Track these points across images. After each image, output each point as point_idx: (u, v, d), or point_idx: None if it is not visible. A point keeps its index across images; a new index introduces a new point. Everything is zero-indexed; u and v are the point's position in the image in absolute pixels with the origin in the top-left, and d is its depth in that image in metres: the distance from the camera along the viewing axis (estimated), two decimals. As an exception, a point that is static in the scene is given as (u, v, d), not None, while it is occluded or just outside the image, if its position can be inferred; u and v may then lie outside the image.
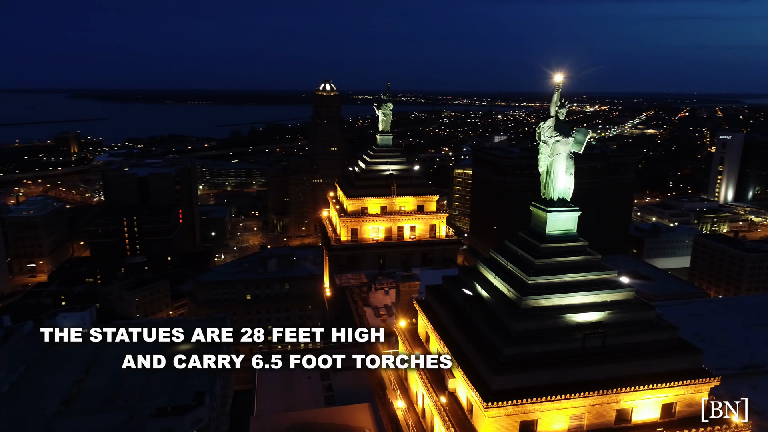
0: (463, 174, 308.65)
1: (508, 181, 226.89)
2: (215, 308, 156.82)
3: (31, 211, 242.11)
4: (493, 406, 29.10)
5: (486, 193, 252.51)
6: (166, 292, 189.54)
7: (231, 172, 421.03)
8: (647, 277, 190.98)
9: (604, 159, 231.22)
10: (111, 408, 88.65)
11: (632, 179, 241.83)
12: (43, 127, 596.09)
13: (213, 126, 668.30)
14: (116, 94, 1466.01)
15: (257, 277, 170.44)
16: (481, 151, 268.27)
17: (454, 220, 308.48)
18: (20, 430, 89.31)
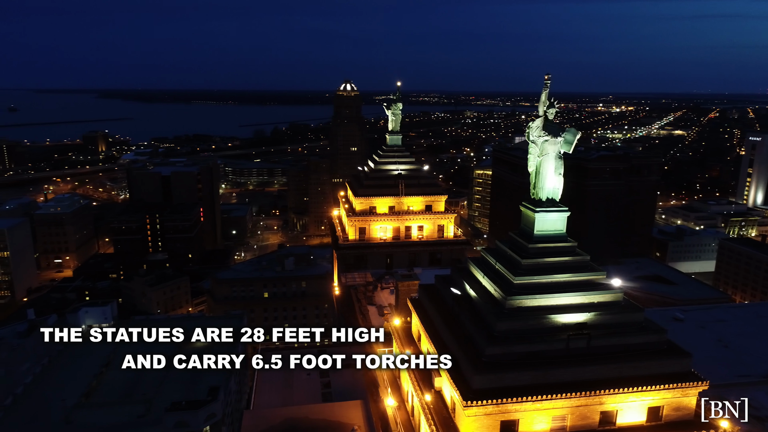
0: (483, 174, 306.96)
1: (527, 183, 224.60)
2: (233, 305, 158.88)
3: (59, 208, 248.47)
4: (472, 405, 29.12)
5: (505, 193, 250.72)
6: (186, 289, 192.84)
7: (253, 171, 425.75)
8: (670, 281, 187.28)
9: (626, 160, 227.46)
10: (128, 401, 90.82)
11: (655, 181, 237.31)
12: (72, 126, 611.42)
13: (237, 126, 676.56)
14: (143, 95, 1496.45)
15: (274, 275, 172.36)
16: (501, 152, 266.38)
17: (474, 221, 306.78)
18: (41, 421, 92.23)
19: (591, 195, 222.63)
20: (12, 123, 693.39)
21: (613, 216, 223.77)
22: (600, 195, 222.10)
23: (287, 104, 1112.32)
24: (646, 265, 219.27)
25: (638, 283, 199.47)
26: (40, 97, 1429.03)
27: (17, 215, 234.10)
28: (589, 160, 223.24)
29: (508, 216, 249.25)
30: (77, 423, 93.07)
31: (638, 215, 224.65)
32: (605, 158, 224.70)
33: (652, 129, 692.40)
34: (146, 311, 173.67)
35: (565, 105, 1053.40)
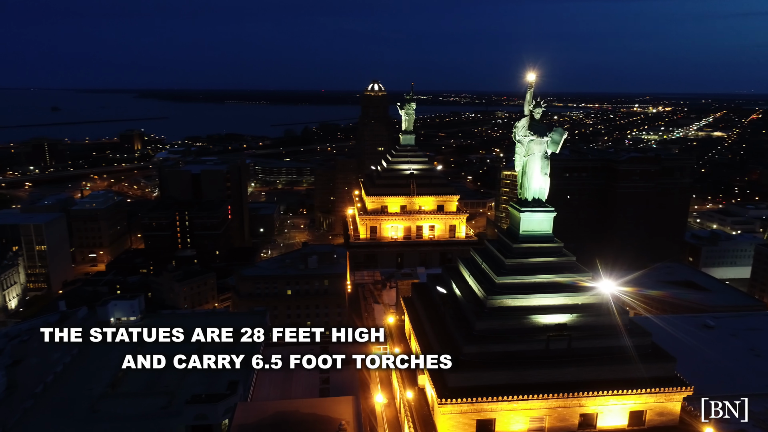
0: (510, 176, 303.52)
1: (553, 184, 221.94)
2: (257, 302, 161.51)
3: (94, 204, 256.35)
4: (446, 402, 29.22)
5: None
6: (212, 284, 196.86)
7: (282, 170, 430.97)
8: (701, 287, 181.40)
9: (657, 162, 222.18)
10: (152, 393, 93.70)
11: (689, 184, 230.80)
12: (110, 125, 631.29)
13: (268, 125, 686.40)
14: (179, 94, 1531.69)
15: (297, 273, 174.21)
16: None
17: (501, 222, 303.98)
18: (69, 409, 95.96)
19: (620, 197, 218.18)
20: (54, 122, 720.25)
21: (644, 219, 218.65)
22: (630, 197, 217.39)
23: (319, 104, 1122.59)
24: (677, 271, 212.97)
25: (668, 288, 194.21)
26: (82, 97, 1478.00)
27: (55, 211, 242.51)
28: (619, 161, 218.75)
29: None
30: (102, 412, 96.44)
31: (670, 219, 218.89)
32: (635, 160, 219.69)
33: (690, 130, 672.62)
34: (174, 306, 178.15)
35: (600, 105, 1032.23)
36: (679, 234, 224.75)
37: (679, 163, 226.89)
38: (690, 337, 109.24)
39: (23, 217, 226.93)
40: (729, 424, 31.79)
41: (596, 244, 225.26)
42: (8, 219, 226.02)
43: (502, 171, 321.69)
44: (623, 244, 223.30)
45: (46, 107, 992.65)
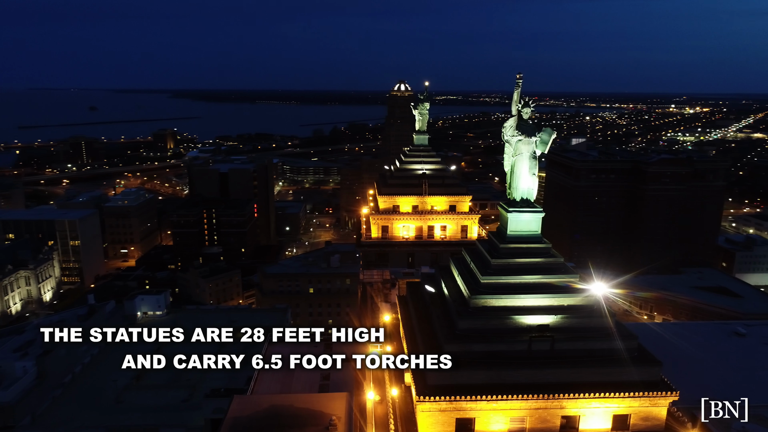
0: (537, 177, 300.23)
1: (581, 186, 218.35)
2: (279, 299, 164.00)
3: (126, 201, 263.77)
4: (425, 400, 29.45)
5: (558, 196, 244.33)
6: (237, 281, 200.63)
7: (310, 169, 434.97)
8: (734, 294, 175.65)
9: (689, 164, 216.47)
10: (174, 386, 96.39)
11: (722, 187, 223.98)
12: (145, 124, 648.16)
13: (298, 125, 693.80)
14: (212, 95, 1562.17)
15: (320, 271, 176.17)
16: (555, 154, 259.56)
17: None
18: (94, 399, 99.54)
19: (650, 200, 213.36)
20: (92, 121, 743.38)
21: (674, 222, 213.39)
22: (659, 200, 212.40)
23: (349, 104, 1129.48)
24: (709, 276, 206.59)
25: (699, 294, 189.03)
26: (119, 97, 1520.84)
27: (89, 207, 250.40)
28: (648, 163, 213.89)
29: (560, 219, 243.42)
30: (126, 403, 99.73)
31: (702, 222, 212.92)
32: (666, 162, 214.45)
33: (729, 132, 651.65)
34: (199, 301, 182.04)
35: (634, 106, 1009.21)
36: (711, 238, 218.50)
37: (712, 165, 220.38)
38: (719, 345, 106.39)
39: (59, 213, 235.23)
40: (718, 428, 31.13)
41: (624, 248, 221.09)
42: (45, 214, 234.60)
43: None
44: (652, 248, 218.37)
45: (85, 107, 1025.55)
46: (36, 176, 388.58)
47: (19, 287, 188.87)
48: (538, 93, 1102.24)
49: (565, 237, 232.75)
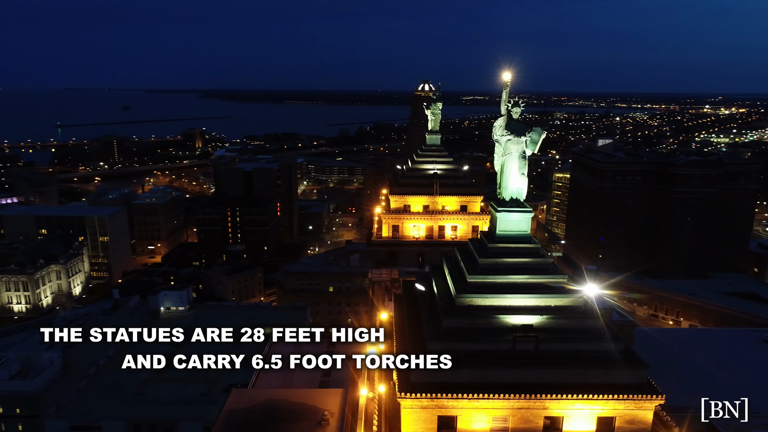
0: (562, 178, 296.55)
1: (606, 188, 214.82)
2: (299, 297, 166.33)
3: (153, 198, 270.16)
4: (406, 396, 29.76)
5: (583, 199, 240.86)
6: (259, 279, 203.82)
7: (334, 169, 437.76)
8: (765, 300, 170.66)
9: (719, 166, 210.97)
10: (194, 380, 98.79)
11: (755, 190, 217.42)
12: (175, 123, 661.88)
13: (324, 125, 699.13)
14: (241, 95, 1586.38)
15: (340, 270, 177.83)
16: (580, 155, 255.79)
17: (552, 226, 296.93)
18: (117, 391, 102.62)
19: (677, 203, 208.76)
20: (124, 120, 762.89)
21: (702, 226, 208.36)
22: (687, 203, 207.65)
23: (375, 104, 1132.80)
24: (739, 281, 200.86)
25: (727, 300, 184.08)
26: (151, 97, 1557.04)
27: (118, 204, 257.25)
28: (676, 165, 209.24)
29: (585, 221, 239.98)
30: (147, 396, 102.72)
31: (732, 226, 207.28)
32: (695, 163, 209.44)
33: (766, 133, 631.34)
34: (222, 298, 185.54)
35: (666, 106, 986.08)
36: (743, 242, 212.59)
37: (744, 167, 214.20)
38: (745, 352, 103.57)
39: (89, 210, 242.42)
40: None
41: (650, 251, 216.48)
42: (76, 211, 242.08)
43: (554, 173, 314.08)
44: (678, 252, 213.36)
45: (118, 106, 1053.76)
46: (69, 174, 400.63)
47: (50, 281, 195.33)
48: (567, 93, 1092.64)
49: (589, 239, 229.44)
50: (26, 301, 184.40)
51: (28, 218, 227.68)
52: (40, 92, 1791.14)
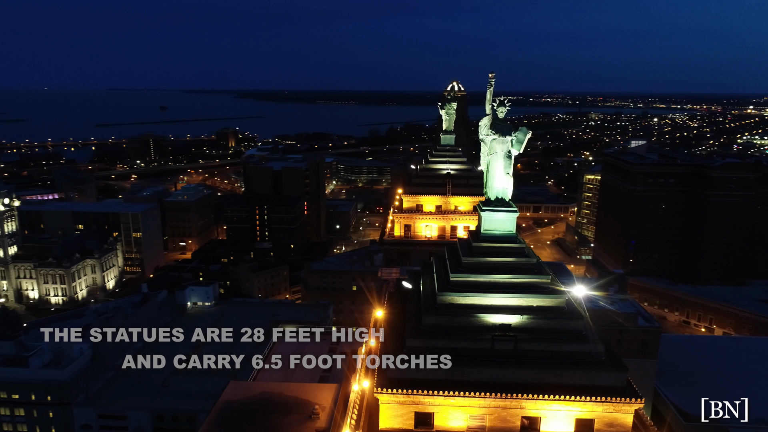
0: (593, 180, 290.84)
1: (637, 190, 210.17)
2: (323, 295, 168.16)
3: (185, 196, 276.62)
4: (383, 392, 30.14)
5: (613, 201, 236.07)
6: (285, 276, 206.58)
7: (364, 169, 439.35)
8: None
9: (757, 169, 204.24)
10: (218, 373, 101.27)
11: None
12: (210, 123, 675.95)
13: (355, 125, 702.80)
14: (275, 95, 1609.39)
15: (363, 269, 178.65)
16: (611, 156, 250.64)
17: (582, 229, 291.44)
18: (143, 382, 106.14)
19: (712, 207, 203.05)
20: (161, 120, 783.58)
21: (739, 231, 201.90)
22: (723, 207, 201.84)
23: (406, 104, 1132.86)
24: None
25: (764, 307, 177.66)
26: (188, 97, 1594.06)
27: (151, 201, 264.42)
28: (712, 167, 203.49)
29: (615, 224, 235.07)
30: (172, 388, 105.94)
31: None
32: (731, 166, 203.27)
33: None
34: (248, 294, 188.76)
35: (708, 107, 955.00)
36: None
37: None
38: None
39: (123, 206, 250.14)
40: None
41: (683, 256, 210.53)
42: (110, 207, 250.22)
43: (585, 175, 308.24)
44: (714, 257, 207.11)
45: (156, 106, 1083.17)
46: (108, 171, 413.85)
47: (86, 275, 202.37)
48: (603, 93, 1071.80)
49: (619, 243, 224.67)
50: (63, 294, 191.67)
51: (66, 214, 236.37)
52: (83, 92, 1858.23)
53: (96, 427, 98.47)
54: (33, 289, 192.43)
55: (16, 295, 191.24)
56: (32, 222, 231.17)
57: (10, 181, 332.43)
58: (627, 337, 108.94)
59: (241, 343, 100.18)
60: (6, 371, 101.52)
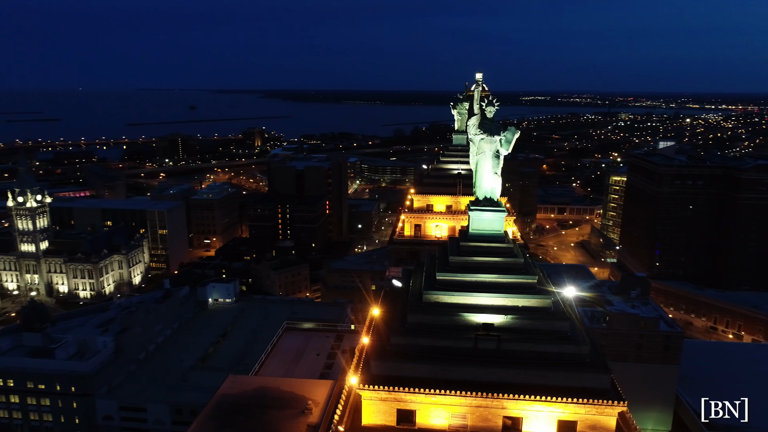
0: (619, 181, 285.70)
1: (663, 192, 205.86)
2: (342, 294, 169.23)
3: (210, 194, 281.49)
4: (364, 388, 30.45)
5: (639, 203, 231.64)
6: (305, 275, 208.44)
7: (387, 169, 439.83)
8: None
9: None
10: (236, 369, 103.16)
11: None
12: (237, 122, 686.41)
13: (380, 125, 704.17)
14: (301, 95, 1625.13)
15: (381, 269, 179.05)
16: (637, 158, 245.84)
17: (607, 231, 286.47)
18: (162, 376, 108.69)
19: (742, 210, 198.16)
20: (190, 119, 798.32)
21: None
22: (754, 210, 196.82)
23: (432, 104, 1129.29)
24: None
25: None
26: (217, 97, 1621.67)
27: (177, 199, 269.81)
28: (742, 169, 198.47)
29: (640, 226, 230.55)
30: (191, 382, 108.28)
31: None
32: (763, 168, 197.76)
33: None
34: (269, 292, 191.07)
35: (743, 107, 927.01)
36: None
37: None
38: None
39: (150, 204, 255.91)
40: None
41: (711, 260, 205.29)
42: (138, 205, 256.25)
43: (611, 176, 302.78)
44: (743, 261, 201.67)
45: (185, 106, 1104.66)
46: (137, 170, 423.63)
47: (113, 270, 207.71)
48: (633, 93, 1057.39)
49: (644, 246, 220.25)
50: (90, 288, 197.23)
51: (96, 211, 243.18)
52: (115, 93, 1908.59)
53: (117, 418, 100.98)
54: (63, 283, 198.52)
55: (46, 289, 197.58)
56: (63, 218, 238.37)
57: (44, 178, 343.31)
58: (647, 342, 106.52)
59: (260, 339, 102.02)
60: (33, 362, 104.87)
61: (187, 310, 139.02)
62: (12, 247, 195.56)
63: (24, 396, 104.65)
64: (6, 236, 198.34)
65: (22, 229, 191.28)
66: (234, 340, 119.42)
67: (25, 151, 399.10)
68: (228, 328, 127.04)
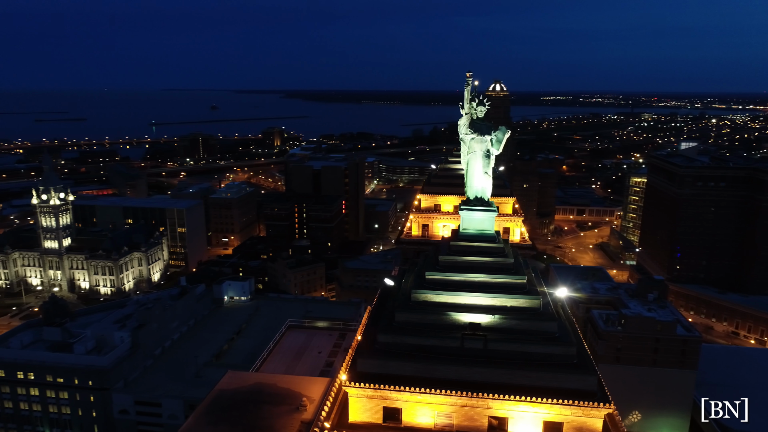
0: (639, 183, 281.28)
1: (684, 194, 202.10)
2: (357, 293, 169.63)
3: (228, 194, 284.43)
4: (351, 385, 30.65)
5: (659, 205, 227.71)
6: (321, 274, 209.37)
7: (405, 169, 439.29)
8: None
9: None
10: (250, 365, 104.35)
11: None
12: (258, 122, 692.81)
13: (399, 125, 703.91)
14: (321, 95, 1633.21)
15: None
16: (657, 158, 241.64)
17: (627, 233, 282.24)
18: (177, 372, 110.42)
19: (766, 212, 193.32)
20: (211, 119, 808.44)
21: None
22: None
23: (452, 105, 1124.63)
24: None
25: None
26: (238, 97, 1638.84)
27: (197, 198, 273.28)
28: (766, 171, 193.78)
29: (661, 229, 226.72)
30: (205, 378, 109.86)
31: None
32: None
33: None
34: (285, 290, 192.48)
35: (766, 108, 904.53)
36: None
37: None
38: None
39: (170, 202, 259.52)
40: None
41: (735, 264, 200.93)
42: (157, 203, 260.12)
43: (631, 177, 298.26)
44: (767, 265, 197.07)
45: (207, 106, 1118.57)
46: (159, 168, 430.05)
47: (133, 267, 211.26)
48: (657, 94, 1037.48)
49: (665, 248, 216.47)
50: (111, 285, 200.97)
51: (117, 208, 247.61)
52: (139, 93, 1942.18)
53: (133, 412, 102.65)
54: (84, 279, 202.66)
55: (69, 285, 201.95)
56: (86, 216, 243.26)
57: (69, 177, 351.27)
58: (664, 346, 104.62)
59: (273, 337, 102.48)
60: (53, 356, 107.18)
61: (203, 307, 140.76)
62: (36, 244, 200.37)
63: (43, 389, 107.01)
64: (30, 233, 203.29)
65: (46, 226, 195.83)
66: (248, 338, 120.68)
67: (51, 150, 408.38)
68: (242, 325, 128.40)
